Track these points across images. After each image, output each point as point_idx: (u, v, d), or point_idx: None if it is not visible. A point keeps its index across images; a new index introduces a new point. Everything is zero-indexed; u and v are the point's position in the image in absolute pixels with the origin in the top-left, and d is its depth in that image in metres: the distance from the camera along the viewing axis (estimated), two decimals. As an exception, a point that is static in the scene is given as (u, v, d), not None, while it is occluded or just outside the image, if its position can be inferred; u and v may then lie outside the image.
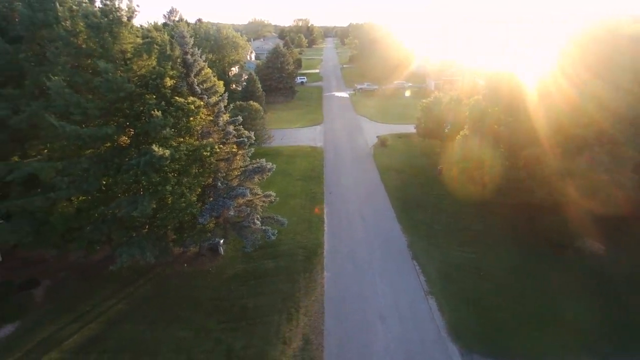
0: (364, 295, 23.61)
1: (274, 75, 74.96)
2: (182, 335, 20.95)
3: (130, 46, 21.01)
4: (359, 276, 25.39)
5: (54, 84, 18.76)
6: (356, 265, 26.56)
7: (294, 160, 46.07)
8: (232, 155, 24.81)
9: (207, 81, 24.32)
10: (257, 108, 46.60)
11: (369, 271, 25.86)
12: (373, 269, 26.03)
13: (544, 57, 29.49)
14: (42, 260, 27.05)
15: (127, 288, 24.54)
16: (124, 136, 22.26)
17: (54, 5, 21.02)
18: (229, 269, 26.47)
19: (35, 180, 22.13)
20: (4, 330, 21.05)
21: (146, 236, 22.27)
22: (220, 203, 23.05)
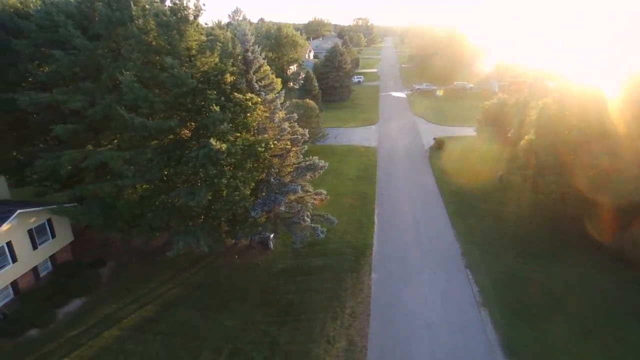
0: (412, 301, 22.90)
1: (330, 74, 75.20)
2: (230, 324, 21.57)
3: (195, 43, 21.95)
4: (408, 281, 24.69)
5: (125, 79, 20.07)
6: (405, 269, 25.86)
7: (346, 160, 45.90)
8: (286, 151, 25.14)
9: (266, 78, 24.82)
10: (313, 106, 46.94)
11: (419, 276, 25.07)
12: (423, 275, 25.20)
13: (624, 58, 26.84)
14: (108, 243, 29.18)
15: (181, 274, 25.73)
16: (185, 129, 23.36)
17: (129, 5, 22.49)
18: (277, 263, 26.88)
19: (106, 168, 23.88)
20: (74, 304, 22.91)
21: (201, 226, 23.20)
22: (272, 198, 23.44)
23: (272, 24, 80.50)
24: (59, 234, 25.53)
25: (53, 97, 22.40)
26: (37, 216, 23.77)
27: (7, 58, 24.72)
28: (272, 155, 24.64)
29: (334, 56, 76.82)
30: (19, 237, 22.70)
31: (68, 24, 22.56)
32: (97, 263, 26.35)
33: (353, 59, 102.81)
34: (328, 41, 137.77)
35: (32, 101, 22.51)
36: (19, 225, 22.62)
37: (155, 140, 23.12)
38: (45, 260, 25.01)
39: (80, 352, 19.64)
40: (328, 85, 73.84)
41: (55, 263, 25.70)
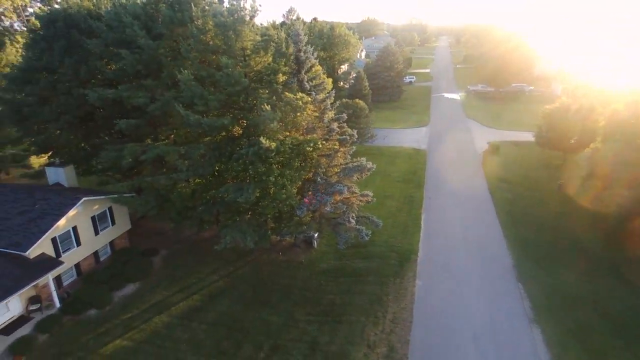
0: (458, 311, 22.06)
1: (381, 74, 74.24)
2: (271, 320, 21.92)
3: (250, 43, 22.46)
4: (454, 290, 23.82)
5: (183, 77, 20.95)
6: (452, 278, 24.97)
7: (394, 161, 45.14)
8: (333, 152, 25.10)
9: (317, 78, 24.92)
10: (362, 106, 46.58)
11: (465, 286, 24.10)
12: (470, 285, 24.20)
13: None
14: (161, 232, 30.71)
15: (227, 267, 26.52)
16: (237, 127, 23.98)
17: (190, 6, 23.45)
18: (320, 263, 26.95)
19: (162, 161, 25.15)
20: (128, 288, 24.33)
21: (248, 222, 23.74)
22: (318, 198, 23.49)
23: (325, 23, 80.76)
24: (118, 221, 27.23)
25: (118, 94, 23.88)
26: (99, 204, 25.50)
27: (80, 56, 26.69)
28: (320, 155, 24.70)
29: (385, 56, 75.76)
30: (83, 223, 24.47)
31: (134, 25, 23.92)
32: (151, 251, 27.81)
33: (405, 58, 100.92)
34: (380, 40, 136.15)
35: (100, 97, 24.12)
36: (84, 212, 24.38)
37: (208, 137, 23.96)
38: (105, 245, 26.78)
39: (132, 334, 20.81)
40: (379, 85, 72.97)
41: (114, 249, 27.46)
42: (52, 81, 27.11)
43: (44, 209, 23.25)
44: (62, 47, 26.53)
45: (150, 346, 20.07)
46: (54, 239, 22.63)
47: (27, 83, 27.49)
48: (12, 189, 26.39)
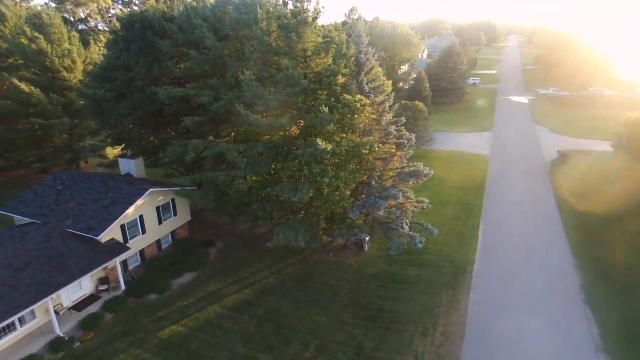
0: (514, 331, 20.75)
1: (444, 75, 71.76)
2: (319, 320, 22.02)
3: (312, 45, 22.64)
4: (512, 308, 22.45)
5: (246, 78, 21.61)
6: (510, 294, 23.56)
7: (453, 167, 43.48)
8: (390, 155, 24.67)
9: (376, 80, 24.59)
10: (422, 109, 45.33)
11: (525, 305, 22.62)
12: (530, 304, 22.68)
13: None
14: (218, 226, 32.01)
15: (278, 264, 27.04)
16: (295, 127, 24.32)
17: (255, 8, 24.13)
18: (370, 267, 26.64)
19: (223, 158, 26.16)
20: (185, 277, 25.64)
21: (301, 221, 24.04)
22: (372, 202, 23.22)
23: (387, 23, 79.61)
24: (180, 213, 28.78)
25: (185, 92, 25.18)
26: (164, 195, 27.10)
27: (153, 56, 28.51)
28: (376, 158, 24.39)
29: (449, 56, 73.11)
30: (149, 213, 26.14)
31: (203, 27, 25.07)
32: (208, 243, 29.08)
33: (470, 59, 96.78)
34: (444, 40, 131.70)
35: (169, 95, 25.58)
36: (150, 202, 26.03)
37: (266, 136, 24.56)
38: (167, 235, 28.43)
39: (188, 321, 21.89)
40: (440, 87, 70.64)
41: (175, 238, 29.07)
42: (128, 79, 29.22)
43: (115, 197, 25.14)
44: (139, 47, 28.49)
45: (203, 334, 20.98)
46: (123, 226, 24.40)
47: (107, 80, 29.86)
48: (89, 177, 28.81)
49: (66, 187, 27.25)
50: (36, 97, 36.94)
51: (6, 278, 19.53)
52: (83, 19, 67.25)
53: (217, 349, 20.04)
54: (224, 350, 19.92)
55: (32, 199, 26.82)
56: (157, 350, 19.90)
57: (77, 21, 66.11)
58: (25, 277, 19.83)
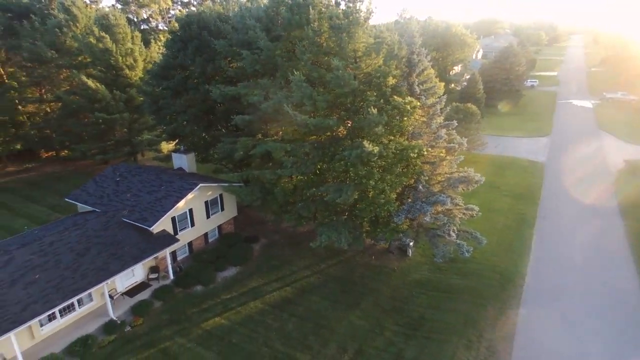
0: (567, 353, 19.41)
1: (499, 77, 68.59)
2: (358, 324, 21.81)
3: (363, 45, 22.40)
4: (564, 327, 21.04)
5: (295, 78, 21.77)
6: (563, 312, 22.09)
7: (505, 173, 41.48)
8: (439, 159, 23.92)
9: (428, 82, 23.93)
10: (474, 111, 43.63)
11: (579, 325, 21.12)
12: (585, 324, 21.13)
13: None
14: (262, 222, 32.61)
15: (320, 264, 27.08)
16: (342, 128, 24.21)
17: (308, 9, 24.21)
18: (413, 273, 26.02)
19: (269, 156, 26.54)
20: (229, 271, 26.34)
21: (344, 222, 23.90)
22: (418, 206, 22.63)
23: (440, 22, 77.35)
24: (227, 208, 29.60)
25: (237, 91, 25.81)
26: (213, 190, 27.98)
27: (208, 56, 29.49)
28: (424, 162, 23.74)
29: (505, 56, 69.77)
30: (198, 206, 27.10)
31: (256, 27, 25.55)
32: (252, 239, 29.70)
33: (529, 59, 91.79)
34: (500, 39, 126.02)
35: (221, 93, 26.35)
36: (199, 196, 26.97)
37: (313, 136, 24.63)
38: (214, 228, 29.36)
39: (230, 314, 22.46)
40: (494, 89, 67.63)
41: (221, 233, 29.95)
42: (183, 77, 30.46)
43: (167, 190, 26.30)
44: (194, 47, 29.60)
45: (244, 328, 21.45)
46: (174, 218, 25.47)
47: (164, 78, 31.30)
48: (145, 170, 30.34)
49: (124, 178, 28.90)
50: (101, 93, 39.49)
51: (69, 261, 21.01)
52: (145, 19, 71.04)
53: (257, 344, 20.41)
54: (264, 346, 20.24)
55: (94, 188, 28.69)
56: (200, 341, 20.60)
57: (140, 21, 69.95)
58: (85, 262, 21.24)
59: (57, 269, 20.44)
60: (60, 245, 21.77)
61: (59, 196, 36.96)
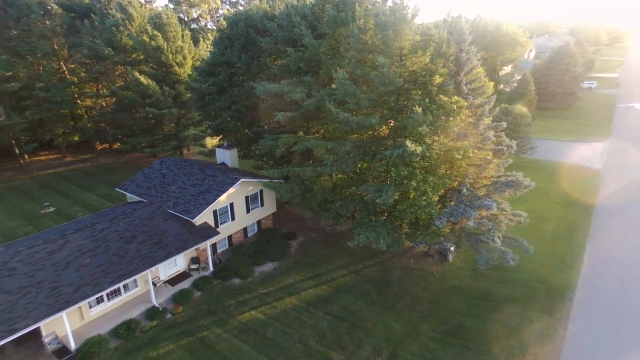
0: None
1: (552, 78, 65.04)
2: (394, 327, 21.38)
3: (409, 43, 21.86)
4: (617, 347, 19.52)
5: (339, 76, 21.62)
6: (618, 330, 20.52)
7: (556, 179, 39.23)
8: (485, 162, 22.94)
9: (477, 81, 23.00)
10: (524, 114, 41.57)
11: (635, 345, 19.52)
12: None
13: None
14: (300, 219, 32.76)
15: (356, 264, 26.81)
16: (384, 127, 23.78)
17: (354, 6, 24.01)
18: (453, 278, 25.17)
19: (310, 154, 26.60)
20: (267, 265, 26.65)
21: (383, 223, 23.47)
22: (461, 210, 21.80)
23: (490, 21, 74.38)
24: (266, 204, 29.98)
25: (280, 88, 26.03)
26: (253, 186, 28.43)
27: (253, 53, 30.00)
28: (469, 164, 22.86)
29: (559, 57, 66.06)
30: (238, 201, 27.63)
31: (302, 24, 25.64)
32: (290, 235, 29.90)
33: (586, 60, 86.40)
34: (555, 39, 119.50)
35: (265, 90, 26.68)
36: (240, 191, 27.48)
37: (355, 135, 24.37)
38: (253, 223, 29.83)
39: (265, 309, 22.71)
40: (547, 90, 64.26)
41: (260, 228, 30.39)
42: (229, 74, 31.18)
43: (210, 184, 27.00)
44: (241, 45, 30.20)
45: (279, 323, 21.60)
46: (215, 211, 26.11)
47: (211, 75, 32.17)
48: (190, 163, 31.34)
49: (170, 171, 30.00)
50: (152, 89, 41.25)
51: (117, 248, 22.07)
52: (195, 18, 73.54)
53: (291, 340, 20.49)
54: (298, 343, 20.29)
55: (142, 179, 29.99)
56: (236, 332, 20.97)
57: (190, 21, 72.49)
58: (132, 249, 22.22)
59: (106, 254, 21.53)
60: (109, 232, 22.92)
61: (111, 186, 39.10)
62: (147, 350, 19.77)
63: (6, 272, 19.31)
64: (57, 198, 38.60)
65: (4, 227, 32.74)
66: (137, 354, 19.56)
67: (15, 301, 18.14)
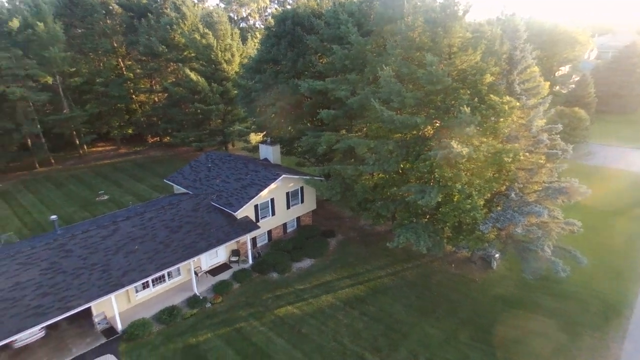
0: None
1: (615, 79, 60.56)
2: (432, 332, 20.79)
3: (459, 40, 21.13)
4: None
5: (384, 74, 21.27)
6: (683, 355, 18.80)
7: (615, 188, 36.48)
8: (537, 166, 21.74)
9: (531, 81, 21.86)
10: (582, 117, 39.12)
11: None
12: None
13: None
14: (340, 218, 32.66)
15: (395, 265, 26.34)
16: (429, 127, 23.15)
17: (402, 3, 23.53)
18: (497, 286, 24.11)
19: (352, 152, 26.42)
20: (305, 262, 26.79)
21: (424, 226, 22.88)
22: (509, 216, 20.78)
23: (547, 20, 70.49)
24: (306, 201, 30.15)
25: (324, 85, 26.05)
26: (294, 182, 28.67)
27: (299, 51, 30.23)
28: (519, 168, 21.75)
29: (624, 57, 61.37)
30: (279, 197, 27.98)
31: (349, 21, 25.50)
32: (329, 233, 29.89)
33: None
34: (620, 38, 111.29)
35: (310, 88, 26.81)
36: (281, 187, 27.81)
37: (398, 134, 23.92)
38: (293, 220, 30.11)
39: (302, 305, 22.83)
40: (608, 93, 59.91)
41: (299, 224, 30.61)
42: (275, 72, 31.61)
43: (252, 179, 27.53)
44: (287, 42, 30.53)
45: (315, 320, 21.64)
46: (256, 206, 26.59)
47: (258, 72, 32.78)
48: (234, 158, 32.13)
49: (215, 165, 30.91)
50: (201, 85, 42.73)
51: (163, 237, 23.03)
52: (244, 17, 75.36)
53: (326, 337, 20.47)
54: (333, 341, 20.23)
55: (189, 172, 31.12)
56: (272, 326, 21.24)
57: (239, 19, 74.36)
58: (176, 239, 23.10)
59: (152, 242, 22.52)
60: (157, 221, 23.95)
61: (159, 177, 40.90)
62: (186, 336, 20.49)
63: (64, 253, 20.70)
64: (111, 187, 40.96)
65: (63, 212, 35.16)
66: (177, 339, 20.32)
67: (71, 281, 19.39)
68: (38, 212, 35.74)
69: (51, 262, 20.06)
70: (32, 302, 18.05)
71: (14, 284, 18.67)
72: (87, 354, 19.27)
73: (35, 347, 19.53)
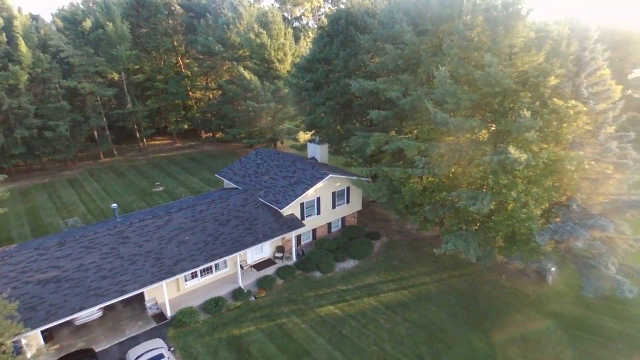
0: None
1: (700, 84, 54.79)
2: (477, 345, 19.91)
3: (521, 40, 20.00)
4: None
5: (439, 74, 20.60)
6: None
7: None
8: (603, 176, 20.11)
9: (600, 84, 20.24)
10: (658, 124, 35.64)
11: None
12: None
13: None
14: (385, 220, 32.16)
15: (442, 272, 25.51)
16: (484, 130, 22.16)
17: (460, 1, 22.66)
18: (552, 303, 22.62)
19: (401, 154, 25.89)
20: (348, 263, 26.64)
21: (474, 234, 21.95)
22: (569, 228, 19.40)
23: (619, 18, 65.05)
24: (352, 201, 29.97)
25: (376, 86, 25.70)
26: (341, 182, 28.59)
27: (352, 50, 30.06)
28: (583, 177, 20.24)
29: None
30: (325, 196, 28.02)
31: (403, 20, 24.96)
32: (374, 235, 29.52)
33: None
34: None
35: (360, 87, 26.57)
36: (328, 187, 27.83)
37: (451, 137, 23.08)
38: (337, 219, 30.06)
39: (343, 305, 22.71)
40: (690, 99, 54.26)
41: (344, 224, 30.49)
42: (326, 71, 31.68)
43: (300, 177, 27.77)
44: (340, 42, 30.47)
45: (356, 322, 21.45)
46: (302, 204, 26.80)
47: (309, 71, 33.01)
48: (282, 156, 32.59)
49: (264, 162, 31.53)
50: (254, 83, 43.80)
51: (212, 229, 23.83)
52: (297, 17, 76.27)
53: (366, 340, 20.22)
54: (373, 345, 19.94)
55: (238, 168, 31.98)
56: (313, 324, 21.31)
57: (293, 19, 75.38)
58: (225, 232, 23.81)
59: (202, 234, 23.38)
60: (207, 214, 24.82)
61: (211, 171, 42.50)
62: (230, 327, 21.07)
63: (122, 240, 22.02)
64: (167, 179, 43.10)
65: (123, 200, 37.48)
66: (221, 329, 20.95)
67: (127, 266, 20.58)
68: (101, 199, 38.37)
69: (111, 247, 21.41)
70: (92, 284, 19.36)
71: (78, 265, 20.13)
72: (139, 336, 20.37)
73: (93, 325, 20.96)
